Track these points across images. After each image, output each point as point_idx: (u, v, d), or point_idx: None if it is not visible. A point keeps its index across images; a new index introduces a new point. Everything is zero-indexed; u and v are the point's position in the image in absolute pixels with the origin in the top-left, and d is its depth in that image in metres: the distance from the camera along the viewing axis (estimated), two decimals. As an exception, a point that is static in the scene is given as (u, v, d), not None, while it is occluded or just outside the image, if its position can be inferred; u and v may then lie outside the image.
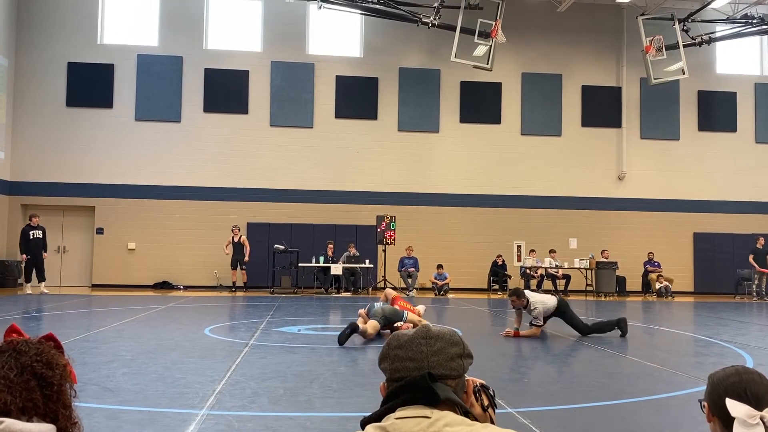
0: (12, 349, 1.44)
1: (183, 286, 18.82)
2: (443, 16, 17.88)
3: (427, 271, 18.95)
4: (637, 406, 5.05)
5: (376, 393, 4.91)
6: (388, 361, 1.54)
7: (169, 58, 19.51)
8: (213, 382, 5.52)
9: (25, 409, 1.37)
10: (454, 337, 1.55)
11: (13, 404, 1.36)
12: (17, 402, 1.37)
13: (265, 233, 19.17)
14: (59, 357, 1.48)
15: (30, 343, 1.47)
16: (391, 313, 8.79)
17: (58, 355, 1.49)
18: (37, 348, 1.45)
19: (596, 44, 21.11)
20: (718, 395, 1.70)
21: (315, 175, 19.77)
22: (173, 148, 19.40)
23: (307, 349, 7.66)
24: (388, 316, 8.72)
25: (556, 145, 20.76)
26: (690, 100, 21.30)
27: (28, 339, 1.49)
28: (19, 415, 1.36)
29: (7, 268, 17.95)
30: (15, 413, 1.36)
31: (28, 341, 1.47)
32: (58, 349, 1.51)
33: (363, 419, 1.48)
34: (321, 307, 13.59)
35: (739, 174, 21.18)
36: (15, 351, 1.43)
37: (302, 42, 20.10)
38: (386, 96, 20.22)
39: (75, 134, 19.12)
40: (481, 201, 20.26)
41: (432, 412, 1.41)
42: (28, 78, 19.08)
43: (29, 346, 1.45)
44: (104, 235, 19.09)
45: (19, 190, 18.89)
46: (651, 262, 19.74)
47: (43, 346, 1.47)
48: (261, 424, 4.27)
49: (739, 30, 19.45)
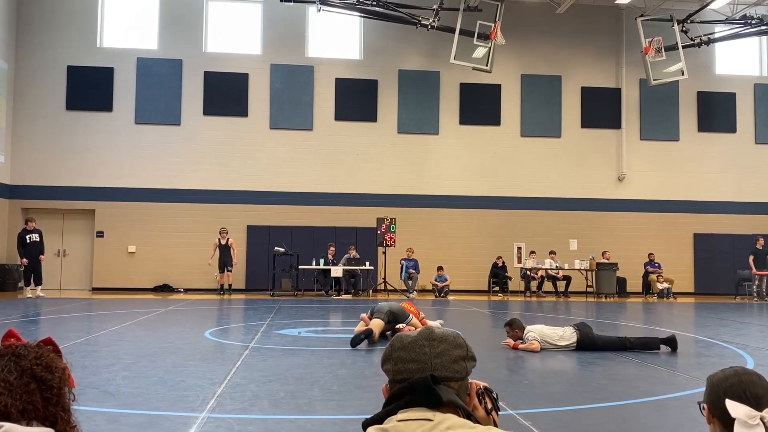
0: (11, 353, 1.43)
1: (183, 289, 18.82)
2: (442, 18, 17.90)
3: (427, 273, 18.95)
4: (637, 408, 5.04)
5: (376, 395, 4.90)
6: (391, 363, 1.53)
7: (169, 62, 19.53)
8: (213, 385, 5.52)
9: (25, 412, 1.37)
10: (457, 340, 1.55)
11: (13, 407, 1.35)
12: (17, 405, 1.36)
13: (266, 236, 19.17)
14: (58, 360, 1.48)
15: (29, 347, 1.46)
16: (398, 311, 8.78)
17: (57, 358, 1.48)
18: (36, 352, 1.45)
19: (595, 45, 21.13)
20: (718, 397, 1.70)
21: (315, 177, 19.78)
22: (173, 151, 19.41)
23: (307, 351, 7.66)
24: (395, 312, 8.71)
25: (555, 146, 20.77)
26: (689, 101, 21.31)
27: (26, 343, 1.48)
28: (19, 418, 1.36)
29: (8, 272, 17.95)
30: (15, 416, 1.35)
31: (27, 345, 1.47)
32: (56, 353, 1.50)
33: (365, 421, 1.48)
34: (321, 310, 13.58)
35: (738, 174, 21.18)
36: (14, 355, 1.43)
37: (302, 44, 20.12)
38: (386, 98, 20.23)
39: (75, 137, 19.13)
40: (481, 202, 20.27)
41: (434, 414, 1.41)
42: (28, 81, 19.09)
43: (28, 350, 1.45)
44: (104, 238, 19.09)
45: (19, 193, 18.89)
46: (651, 263, 19.73)
47: (42, 350, 1.47)
48: (262, 427, 4.27)
49: (738, 31, 19.46)
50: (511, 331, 8.05)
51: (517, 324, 8.04)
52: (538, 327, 8.07)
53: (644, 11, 19.24)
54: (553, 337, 7.89)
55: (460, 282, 19.21)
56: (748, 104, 21.52)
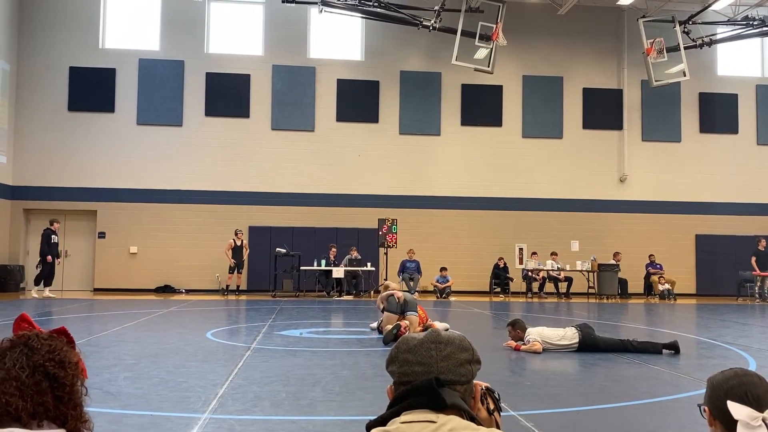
0: (23, 344, 1.39)
1: (185, 290, 18.82)
2: (444, 19, 17.90)
3: (429, 274, 18.94)
4: (639, 409, 5.04)
5: (378, 396, 4.91)
6: (396, 365, 1.53)
7: (171, 63, 19.54)
8: (215, 385, 5.52)
9: (36, 414, 1.34)
10: (463, 343, 1.55)
11: (24, 410, 1.32)
12: (28, 407, 1.33)
13: (267, 237, 19.17)
14: (72, 354, 1.43)
15: (42, 338, 1.41)
16: (410, 299, 8.78)
17: (70, 351, 1.44)
18: (50, 345, 1.40)
19: (597, 46, 21.12)
20: (719, 399, 1.70)
21: (316, 178, 19.78)
22: (175, 152, 19.42)
23: (309, 352, 7.66)
24: (407, 300, 8.72)
25: (557, 147, 20.76)
26: (691, 102, 21.30)
27: (39, 332, 1.43)
28: (29, 420, 1.33)
29: (10, 273, 17.96)
30: (25, 419, 1.32)
31: (40, 336, 1.42)
32: (70, 344, 1.46)
33: (368, 423, 1.48)
34: (323, 311, 13.59)
35: (740, 176, 21.16)
36: (27, 347, 1.38)
37: (303, 46, 20.14)
38: (387, 99, 20.23)
39: (77, 139, 19.15)
40: (482, 204, 20.26)
41: (437, 416, 1.41)
42: (29, 83, 19.12)
43: (41, 342, 1.40)
44: (106, 239, 19.11)
45: (21, 194, 18.91)
46: (652, 264, 19.72)
47: (56, 342, 1.42)
48: (263, 428, 4.27)
49: (740, 32, 19.45)
50: (513, 331, 8.04)
51: (519, 324, 8.04)
52: (539, 329, 8.06)
53: (646, 12, 19.23)
54: (554, 338, 7.88)
55: (461, 283, 19.20)
56: (750, 105, 21.50)
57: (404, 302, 8.65)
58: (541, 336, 7.87)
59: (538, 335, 7.87)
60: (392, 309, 8.56)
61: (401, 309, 8.59)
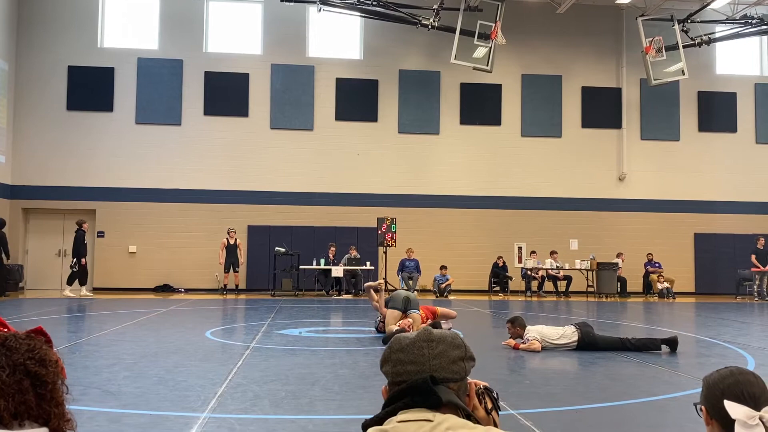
0: (1, 344, 1.36)
1: (184, 289, 18.83)
2: (443, 18, 17.90)
3: (428, 273, 18.95)
4: (638, 408, 5.05)
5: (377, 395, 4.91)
6: (389, 365, 1.53)
7: (170, 62, 19.53)
8: (214, 385, 5.53)
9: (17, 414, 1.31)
10: (456, 340, 1.55)
11: (5, 410, 1.30)
12: (10, 407, 1.30)
13: (266, 236, 19.18)
14: (51, 353, 1.41)
15: (19, 338, 1.39)
16: (413, 298, 8.79)
17: (49, 350, 1.41)
18: (28, 344, 1.38)
19: (596, 45, 21.12)
20: (716, 398, 1.70)
21: (315, 177, 19.78)
22: (174, 152, 19.41)
23: (308, 351, 7.66)
24: (410, 298, 8.72)
25: (556, 146, 20.77)
26: (690, 101, 21.31)
27: (16, 333, 1.41)
28: (11, 420, 1.30)
29: (9, 273, 17.93)
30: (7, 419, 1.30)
31: (17, 336, 1.39)
32: (48, 343, 1.43)
33: (365, 422, 1.48)
34: (322, 310, 13.59)
35: (739, 174, 21.17)
36: (5, 347, 1.36)
37: (302, 45, 20.13)
38: (386, 98, 20.23)
39: (76, 138, 19.13)
40: (481, 203, 20.27)
41: (434, 415, 1.41)
42: (28, 82, 19.10)
43: (19, 341, 1.38)
44: (105, 238, 19.10)
45: (20, 193, 18.90)
46: (651, 263, 19.73)
47: (34, 341, 1.40)
48: (263, 427, 4.28)
49: (739, 30, 19.45)
50: (513, 328, 8.05)
51: (519, 322, 8.04)
52: (538, 328, 8.07)
53: (645, 11, 19.23)
54: (553, 336, 7.89)
55: (460, 282, 19.21)
56: (749, 104, 21.51)
57: (407, 300, 8.65)
58: (540, 334, 7.88)
59: (537, 334, 7.88)
60: (397, 306, 8.55)
61: (404, 306, 8.57)
